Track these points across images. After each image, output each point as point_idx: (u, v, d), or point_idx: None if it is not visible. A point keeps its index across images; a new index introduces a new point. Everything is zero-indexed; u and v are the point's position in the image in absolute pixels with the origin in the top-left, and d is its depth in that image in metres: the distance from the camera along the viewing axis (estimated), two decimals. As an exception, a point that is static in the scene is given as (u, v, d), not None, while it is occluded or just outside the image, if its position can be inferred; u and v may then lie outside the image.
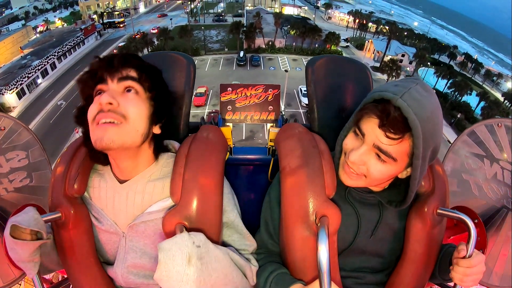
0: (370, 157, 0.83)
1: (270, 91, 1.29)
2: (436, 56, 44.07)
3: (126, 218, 0.93)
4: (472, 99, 33.20)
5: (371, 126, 0.81)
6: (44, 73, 34.71)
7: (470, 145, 1.27)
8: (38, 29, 46.00)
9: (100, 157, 0.92)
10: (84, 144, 0.92)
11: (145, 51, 36.55)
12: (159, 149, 0.97)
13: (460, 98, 33.15)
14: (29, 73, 32.07)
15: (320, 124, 1.16)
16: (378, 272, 1.02)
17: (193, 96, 1.18)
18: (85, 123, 0.87)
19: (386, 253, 1.00)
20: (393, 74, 34.71)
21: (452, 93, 33.28)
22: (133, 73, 0.88)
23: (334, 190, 0.91)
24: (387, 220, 0.98)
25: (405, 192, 0.90)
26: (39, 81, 33.38)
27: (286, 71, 29.89)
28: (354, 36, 53.19)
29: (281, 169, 0.97)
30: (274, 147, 1.24)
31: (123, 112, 0.83)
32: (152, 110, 0.91)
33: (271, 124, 1.29)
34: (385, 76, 36.06)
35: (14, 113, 28.14)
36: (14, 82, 29.95)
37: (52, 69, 36.13)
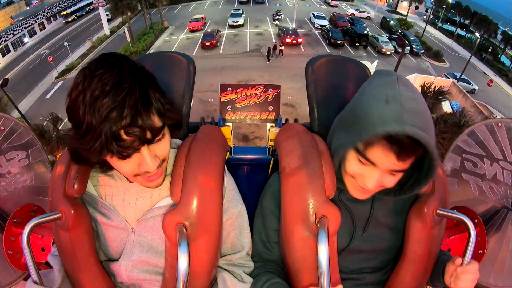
0: (385, 177, 0.83)
1: (270, 91, 1.27)
2: (449, 16, 42.44)
3: (135, 213, 0.94)
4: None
5: (382, 157, 0.78)
6: (32, 33, 33.29)
7: (470, 145, 1.26)
8: (32, 6, 43.47)
9: (107, 167, 0.87)
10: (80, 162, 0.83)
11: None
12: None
13: (485, 40, 32.64)
14: (14, 30, 30.57)
15: (320, 124, 1.14)
16: (376, 272, 1.04)
17: (193, 92, 1.15)
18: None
19: (382, 250, 1.02)
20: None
21: (477, 32, 32.69)
22: (158, 121, 0.76)
23: (334, 191, 0.91)
24: (377, 216, 0.99)
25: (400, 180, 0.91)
26: (25, 40, 32.03)
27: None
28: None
29: (281, 170, 0.97)
30: (274, 147, 1.23)
31: (161, 159, 0.82)
32: (169, 124, 0.85)
33: (271, 124, 1.28)
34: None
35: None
36: (-4, 38, 28.18)
37: (41, 30, 34.66)
